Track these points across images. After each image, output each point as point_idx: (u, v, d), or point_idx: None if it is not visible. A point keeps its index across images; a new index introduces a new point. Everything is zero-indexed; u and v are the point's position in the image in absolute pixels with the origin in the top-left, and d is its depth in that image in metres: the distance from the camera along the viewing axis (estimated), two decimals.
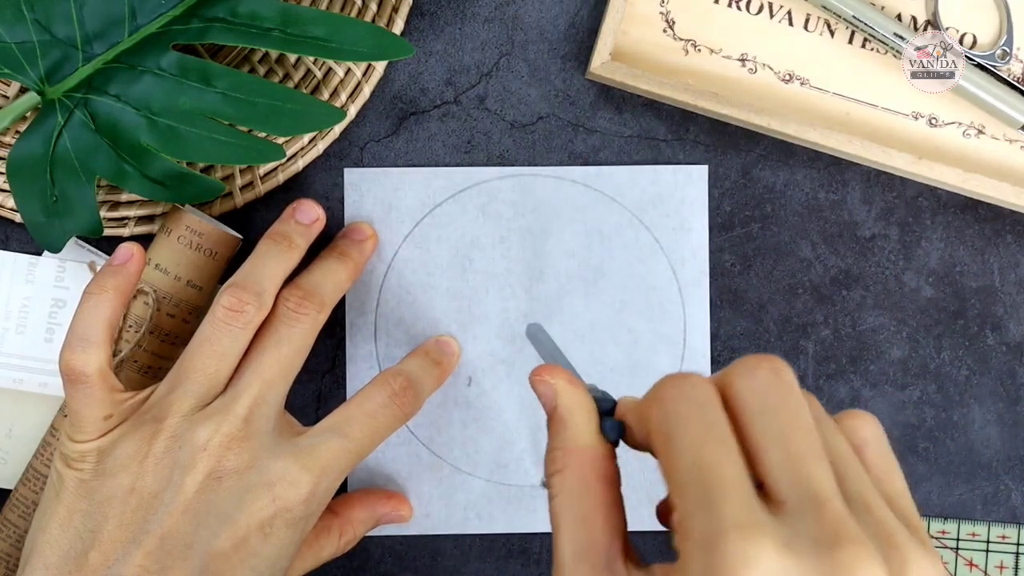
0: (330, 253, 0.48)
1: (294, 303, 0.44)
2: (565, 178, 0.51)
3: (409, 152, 0.51)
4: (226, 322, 0.43)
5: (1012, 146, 0.51)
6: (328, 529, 0.47)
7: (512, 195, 0.51)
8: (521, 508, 0.51)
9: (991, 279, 0.51)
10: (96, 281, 0.44)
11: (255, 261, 0.45)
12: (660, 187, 0.51)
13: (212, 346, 0.43)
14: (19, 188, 0.45)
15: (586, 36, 0.51)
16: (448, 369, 0.50)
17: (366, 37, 0.44)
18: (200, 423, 0.42)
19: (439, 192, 0.51)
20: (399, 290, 0.51)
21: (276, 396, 0.43)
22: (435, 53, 0.51)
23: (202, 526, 0.41)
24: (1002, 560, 0.51)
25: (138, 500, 0.41)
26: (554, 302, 0.51)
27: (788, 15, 0.51)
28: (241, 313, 0.43)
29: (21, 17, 0.45)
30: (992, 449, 0.51)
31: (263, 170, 0.49)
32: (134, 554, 0.40)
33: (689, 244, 0.51)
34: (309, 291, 0.45)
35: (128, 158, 0.45)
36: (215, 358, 0.43)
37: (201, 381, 0.43)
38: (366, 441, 0.44)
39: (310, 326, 0.45)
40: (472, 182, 0.51)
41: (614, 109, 0.51)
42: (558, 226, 0.51)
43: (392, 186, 0.50)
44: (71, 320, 0.43)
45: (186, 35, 0.45)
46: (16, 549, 0.47)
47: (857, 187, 0.51)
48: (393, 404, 0.45)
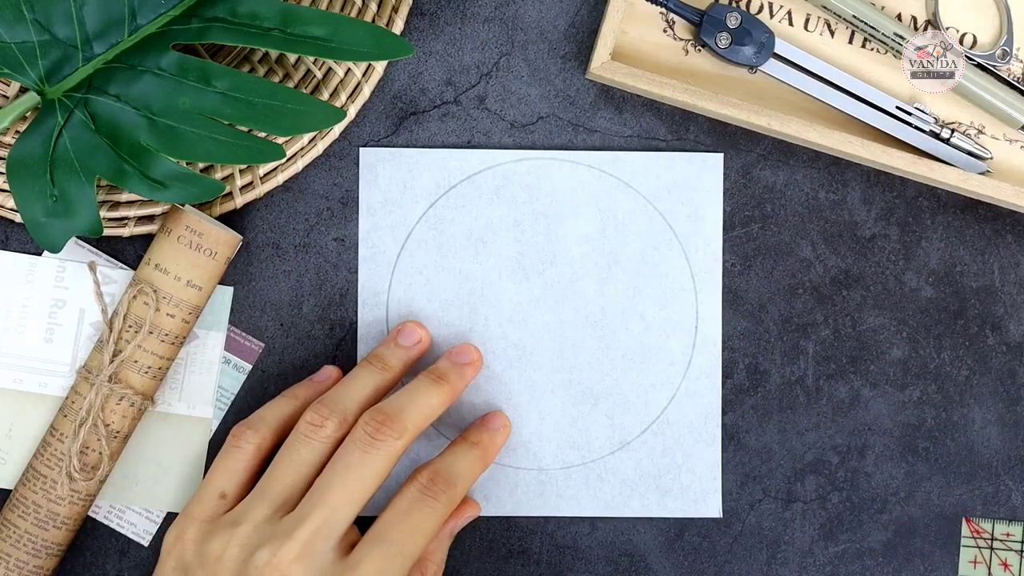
0: (428, 374, 0.48)
1: (372, 428, 0.45)
2: (581, 163, 0.51)
3: None
4: (306, 435, 0.45)
5: (1012, 146, 0.51)
6: (424, 566, 0.48)
7: (527, 178, 0.51)
8: (530, 492, 0.51)
9: (991, 279, 0.51)
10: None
11: (347, 381, 0.47)
12: (675, 174, 0.51)
13: (291, 456, 0.45)
14: (19, 188, 0.45)
15: (586, 36, 0.51)
16: (490, 448, 0.49)
17: (366, 37, 0.44)
18: (264, 543, 0.43)
19: (454, 174, 0.51)
20: (412, 271, 0.51)
21: (341, 520, 0.44)
22: (435, 53, 0.51)
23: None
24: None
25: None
26: (567, 287, 0.51)
27: (788, 15, 0.51)
28: (321, 428, 0.45)
29: (21, 17, 0.45)
30: (992, 449, 0.51)
31: (263, 170, 0.49)
32: None
33: (703, 232, 0.51)
34: (391, 415, 0.45)
35: (128, 158, 0.45)
36: (292, 468, 0.45)
37: (278, 491, 0.45)
38: (408, 540, 0.44)
39: (385, 454, 0.44)
40: (487, 164, 0.51)
41: (614, 109, 0.51)
42: (572, 211, 0.51)
43: (407, 167, 0.51)
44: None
45: (186, 35, 0.45)
46: (16, 549, 0.47)
47: (857, 187, 0.51)
48: (425, 498, 0.45)
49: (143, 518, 0.50)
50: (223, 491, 0.46)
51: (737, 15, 0.49)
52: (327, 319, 0.51)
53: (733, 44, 0.49)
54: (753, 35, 0.49)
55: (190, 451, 0.50)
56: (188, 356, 0.50)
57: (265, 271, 0.51)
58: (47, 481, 0.47)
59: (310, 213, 0.51)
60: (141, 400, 0.47)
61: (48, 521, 0.47)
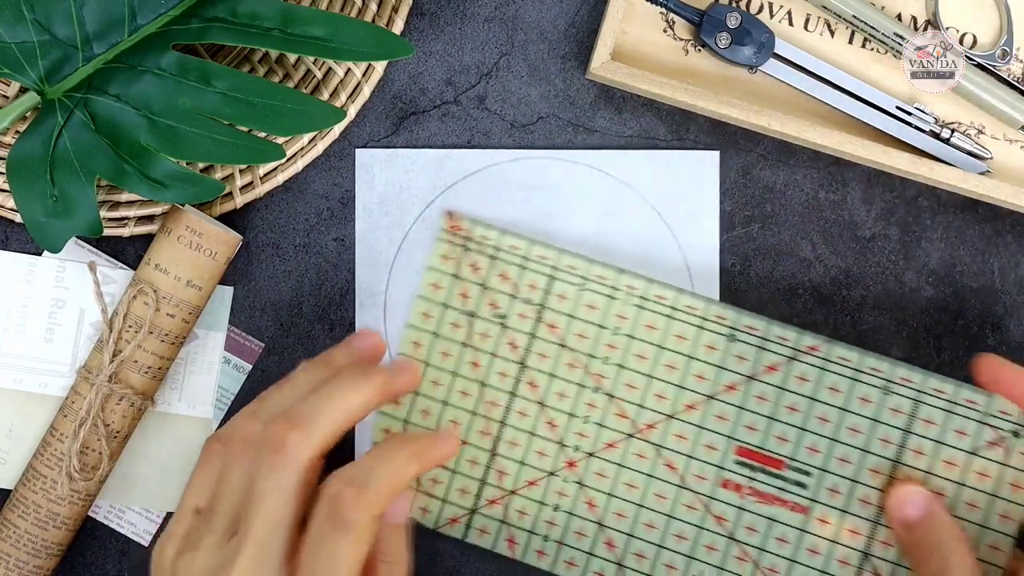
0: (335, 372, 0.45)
1: (277, 436, 0.42)
2: (577, 162, 0.51)
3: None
4: (240, 452, 0.43)
5: (1012, 146, 0.51)
6: (374, 567, 0.44)
7: (523, 178, 0.51)
8: None
9: (991, 279, 0.51)
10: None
11: (280, 385, 0.45)
12: (671, 172, 0.51)
13: (228, 475, 0.43)
14: (19, 188, 0.45)
15: (586, 36, 0.51)
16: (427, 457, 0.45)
17: (366, 37, 0.44)
18: (217, 569, 0.41)
19: (451, 174, 0.51)
20: (409, 271, 0.51)
21: (278, 539, 0.41)
22: (435, 53, 0.51)
23: None
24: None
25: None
26: None
27: (788, 15, 0.51)
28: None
29: (21, 17, 0.45)
30: None
31: (263, 170, 0.49)
32: None
33: (700, 231, 0.51)
34: (292, 417, 0.42)
35: (128, 158, 0.45)
36: (230, 487, 0.43)
37: (221, 513, 0.43)
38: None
39: (294, 463, 0.42)
40: (483, 164, 0.51)
41: (614, 109, 0.51)
42: (569, 210, 0.51)
43: (403, 167, 0.51)
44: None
45: (186, 35, 0.45)
46: (16, 549, 0.47)
47: (857, 187, 0.51)
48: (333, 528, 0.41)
49: (143, 518, 0.50)
50: (197, 506, 0.44)
51: (737, 15, 0.49)
52: (327, 319, 0.51)
53: (733, 44, 0.49)
54: (753, 35, 0.49)
55: (190, 451, 0.50)
56: (188, 356, 0.50)
57: (265, 271, 0.51)
58: (47, 481, 0.47)
59: (310, 213, 0.51)
60: (141, 400, 0.47)
61: (48, 521, 0.47)
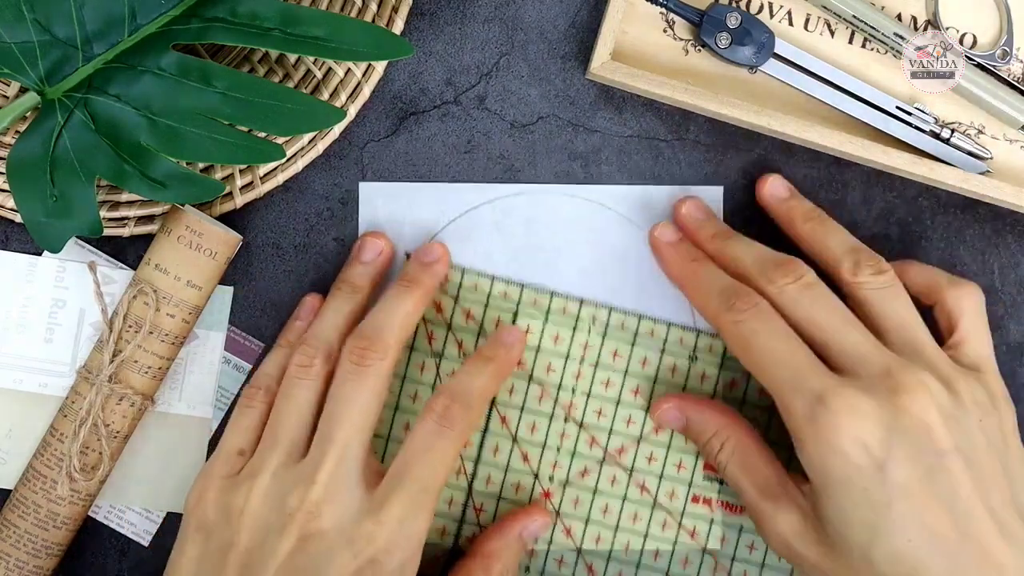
0: (398, 283, 0.48)
1: (357, 356, 0.45)
2: (580, 196, 0.51)
3: (409, 152, 0.51)
4: (298, 377, 0.46)
5: (1012, 146, 0.51)
6: (470, 572, 0.47)
7: (526, 212, 0.51)
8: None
9: (991, 279, 0.51)
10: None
11: (322, 314, 0.48)
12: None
13: (289, 401, 0.46)
14: (19, 188, 0.45)
15: (586, 36, 0.51)
16: (504, 362, 0.48)
17: (366, 37, 0.44)
18: (290, 489, 0.43)
19: (453, 208, 0.50)
20: None
21: (355, 454, 0.44)
22: (435, 53, 0.51)
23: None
24: None
25: (236, 555, 0.43)
26: None
27: (788, 15, 0.51)
28: (310, 367, 0.46)
29: (21, 17, 0.45)
30: None
31: (263, 170, 0.49)
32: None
33: None
34: (370, 337, 0.45)
35: (128, 158, 0.45)
36: (294, 412, 0.45)
37: (286, 437, 0.45)
38: (429, 476, 0.44)
39: (375, 376, 0.45)
40: (486, 198, 0.50)
41: (614, 109, 0.51)
42: (571, 244, 0.50)
43: (407, 201, 0.50)
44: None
45: (186, 35, 0.45)
46: (16, 549, 0.47)
47: (857, 187, 0.51)
48: (441, 428, 0.44)
49: (143, 518, 0.50)
50: (241, 448, 0.46)
51: (737, 15, 0.49)
52: None
53: (733, 44, 0.49)
54: (753, 35, 0.49)
55: (190, 451, 0.50)
56: (188, 356, 0.50)
57: (265, 271, 0.51)
58: (47, 481, 0.47)
59: (310, 213, 0.51)
60: (141, 400, 0.47)
61: (48, 521, 0.47)
